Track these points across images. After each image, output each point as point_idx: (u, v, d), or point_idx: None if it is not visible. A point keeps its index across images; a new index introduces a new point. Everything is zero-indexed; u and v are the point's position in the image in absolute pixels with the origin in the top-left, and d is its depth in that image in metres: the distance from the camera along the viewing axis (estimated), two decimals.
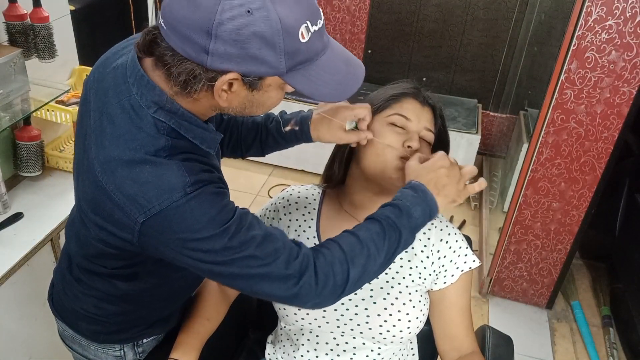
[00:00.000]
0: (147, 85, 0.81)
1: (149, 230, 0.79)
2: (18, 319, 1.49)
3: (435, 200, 0.92)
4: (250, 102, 0.81)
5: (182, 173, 0.79)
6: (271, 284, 0.83)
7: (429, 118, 1.08)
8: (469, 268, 1.09)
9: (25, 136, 1.63)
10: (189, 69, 0.75)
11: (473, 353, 1.08)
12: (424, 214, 0.91)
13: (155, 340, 1.13)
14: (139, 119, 0.81)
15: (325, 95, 0.82)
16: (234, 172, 3.16)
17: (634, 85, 1.77)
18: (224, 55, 0.73)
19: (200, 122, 0.85)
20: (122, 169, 0.79)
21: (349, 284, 0.86)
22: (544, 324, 2.32)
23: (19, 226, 1.53)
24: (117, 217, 0.81)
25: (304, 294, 0.84)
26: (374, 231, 0.88)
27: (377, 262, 0.88)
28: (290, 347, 1.12)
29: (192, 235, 0.79)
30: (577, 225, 2.11)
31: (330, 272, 0.85)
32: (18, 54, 1.52)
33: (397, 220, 0.88)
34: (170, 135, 0.81)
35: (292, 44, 0.74)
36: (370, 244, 0.87)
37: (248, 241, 0.81)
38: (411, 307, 1.04)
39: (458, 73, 3.20)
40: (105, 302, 1.01)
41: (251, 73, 0.75)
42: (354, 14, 3.16)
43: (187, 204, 0.78)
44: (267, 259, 0.82)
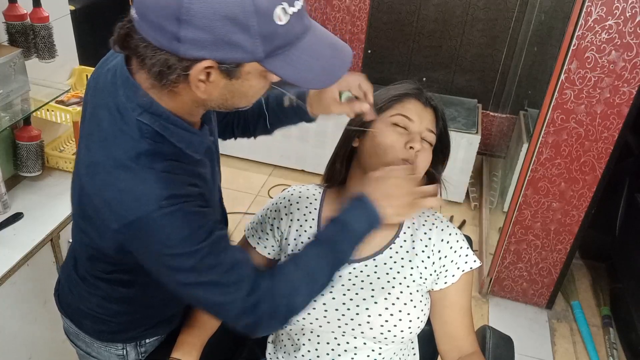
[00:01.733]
0: (132, 87, 0.79)
1: (120, 237, 0.79)
2: (18, 318, 1.49)
3: (376, 212, 0.91)
4: (231, 93, 0.78)
5: (158, 185, 0.77)
6: (229, 313, 0.85)
7: (431, 119, 1.08)
8: (469, 268, 1.09)
9: (25, 136, 1.63)
10: (163, 59, 0.72)
11: (473, 353, 1.08)
12: (365, 227, 0.91)
13: (157, 341, 1.13)
14: (123, 121, 0.79)
15: (310, 81, 0.78)
16: (234, 172, 3.16)
17: (634, 85, 1.77)
18: (196, 42, 0.69)
19: (186, 125, 0.82)
20: (103, 173, 0.79)
21: (294, 312, 0.89)
22: (544, 324, 2.32)
23: (19, 226, 1.53)
24: (95, 221, 0.81)
25: (256, 325, 0.86)
26: (316, 256, 0.90)
27: (321, 284, 0.91)
28: (291, 347, 1.12)
29: (160, 250, 0.78)
30: (577, 225, 2.11)
31: (276, 306, 0.86)
32: (18, 54, 1.52)
33: (337, 240, 0.90)
34: (154, 139, 0.79)
35: (268, 27, 0.70)
36: (313, 271, 0.89)
37: (216, 266, 0.81)
38: (412, 307, 1.04)
39: (458, 73, 3.20)
40: (109, 302, 1.02)
41: (226, 59, 0.71)
42: (354, 14, 3.16)
43: (159, 218, 0.76)
44: (230, 288, 0.82)
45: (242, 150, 3.24)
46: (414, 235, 1.10)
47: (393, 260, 1.07)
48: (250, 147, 3.21)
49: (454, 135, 2.82)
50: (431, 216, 1.14)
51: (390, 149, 1.02)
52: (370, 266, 1.07)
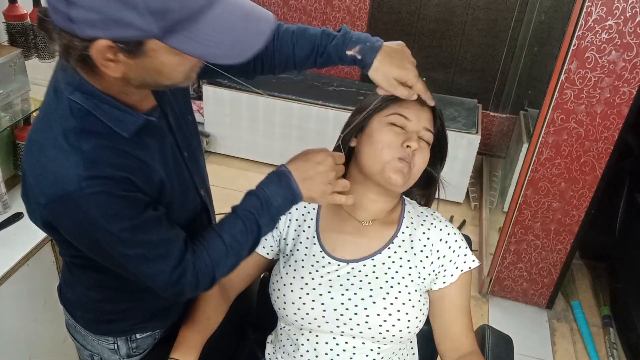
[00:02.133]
0: (65, 68, 0.81)
1: (46, 215, 0.82)
2: (18, 318, 1.49)
3: (299, 189, 0.95)
4: (146, 71, 0.76)
5: (82, 164, 0.78)
6: (154, 284, 0.91)
7: (428, 118, 1.08)
8: (468, 268, 1.09)
9: (25, 136, 1.63)
10: (66, 40, 0.73)
11: (473, 353, 1.08)
12: (285, 201, 0.96)
13: (151, 338, 1.13)
14: (57, 101, 0.82)
15: (220, 57, 0.74)
16: (234, 172, 3.16)
17: (634, 85, 1.77)
18: (87, 22, 0.69)
19: (118, 103, 0.82)
20: (34, 151, 0.82)
21: (216, 282, 0.95)
22: (544, 324, 2.32)
23: (19, 226, 1.53)
24: (30, 197, 0.84)
25: (179, 293, 0.93)
26: (237, 229, 0.94)
27: (241, 256, 0.97)
28: (290, 347, 1.12)
29: (85, 227, 0.81)
30: (577, 225, 2.11)
31: (199, 277, 0.92)
32: (18, 54, 1.52)
33: (257, 214, 0.95)
34: (84, 118, 0.80)
35: (157, 3, 0.68)
36: (234, 244, 0.94)
37: (144, 243, 0.85)
38: (410, 306, 1.04)
39: (458, 73, 3.20)
40: (91, 290, 1.05)
41: (121, 38, 0.70)
42: (354, 14, 3.16)
43: (80, 198, 0.78)
44: (156, 262, 0.87)
45: (242, 150, 3.24)
46: (412, 235, 1.10)
47: (391, 260, 1.07)
48: (250, 147, 3.22)
49: (454, 135, 2.85)
50: (430, 216, 1.14)
51: (387, 148, 1.03)
52: (369, 266, 1.07)
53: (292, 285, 1.07)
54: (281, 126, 3.09)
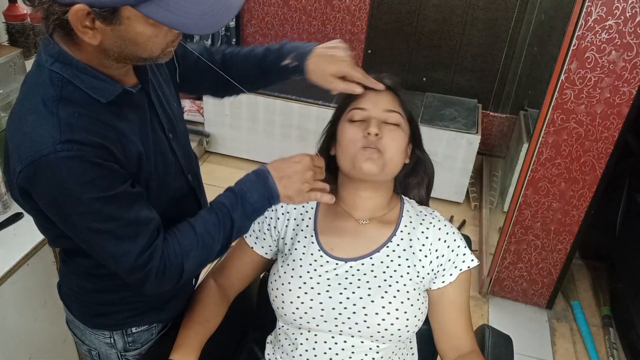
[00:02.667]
0: (46, 41, 0.84)
1: (24, 182, 0.82)
2: (18, 318, 1.49)
3: (276, 187, 0.97)
4: (122, 40, 0.79)
5: (57, 129, 0.79)
6: (119, 266, 0.89)
7: (387, 100, 1.09)
8: (467, 267, 1.09)
9: None
10: (46, 7, 0.76)
11: (472, 352, 1.08)
12: (261, 199, 0.97)
13: (147, 333, 1.14)
14: (39, 73, 0.84)
15: (191, 26, 0.78)
16: (234, 172, 3.16)
17: (634, 85, 1.77)
18: None
19: (96, 73, 0.84)
20: (14, 121, 0.84)
21: (184, 274, 0.94)
22: (544, 324, 2.32)
23: (19, 226, 1.53)
24: (10, 170, 0.86)
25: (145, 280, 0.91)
26: (210, 222, 0.95)
27: (213, 250, 0.96)
28: (288, 347, 1.12)
29: (58, 192, 0.81)
30: (577, 225, 2.11)
31: (167, 265, 0.91)
32: (18, 54, 1.53)
33: (231, 208, 0.95)
34: (64, 87, 0.82)
35: None
36: (206, 236, 0.94)
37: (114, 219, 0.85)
38: (409, 305, 1.04)
39: (458, 73, 3.20)
40: (82, 279, 1.05)
41: (97, 2, 0.73)
42: (354, 14, 3.16)
43: (55, 161, 0.79)
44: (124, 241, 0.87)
45: (242, 150, 3.24)
46: (411, 234, 1.10)
47: (390, 259, 1.07)
48: (250, 147, 3.22)
49: (454, 135, 2.85)
50: (429, 215, 1.14)
51: (350, 143, 1.05)
52: (367, 265, 1.07)
53: (290, 285, 1.07)
54: (281, 126, 3.09)
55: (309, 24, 3.24)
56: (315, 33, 3.25)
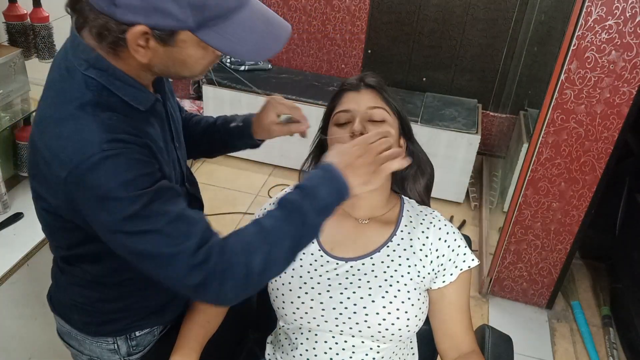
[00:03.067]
0: (79, 45, 0.83)
1: (70, 187, 0.81)
2: (18, 318, 1.49)
3: (344, 180, 0.89)
4: (171, 60, 0.82)
5: (101, 130, 0.80)
6: (176, 268, 0.81)
7: (370, 97, 1.10)
8: (467, 267, 1.09)
9: (25, 136, 1.63)
10: (103, 22, 0.77)
11: (472, 352, 1.08)
12: (330, 194, 0.88)
13: (150, 335, 1.13)
14: (70, 77, 0.83)
15: (243, 53, 0.82)
16: (234, 172, 3.16)
17: (634, 85, 1.77)
18: (130, 7, 0.74)
19: (132, 80, 0.86)
20: (50, 127, 0.82)
21: (251, 275, 0.84)
22: (544, 324, 2.32)
23: (19, 226, 1.53)
24: (47, 177, 0.84)
25: (207, 284, 0.82)
26: (278, 217, 0.86)
27: (282, 248, 0.85)
28: (289, 347, 1.12)
29: (104, 194, 0.79)
30: (577, 225, 2.11)
31: (229, 264, 0.82)
32: (18, 54, 1.52)
33: (300, 204, 0.86)
34: (99, 92, 0.83)
35: None
36: (273, 232, 0.85)
37: (160, 215, 0.80)
38: (410, 305, 1.04)
39: (458, 73, 3.20)
40: (87, 289, 1.03)
41: (159, 26, 0.76)
42: (354, 14, 3.16)
43: (102, 161, 0.78)
44: (176, 239, 0.80)
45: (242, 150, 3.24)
46: (411, 234, 1.10)
47: (390, 259, 1.07)
48: None
49: (454, 135, 2.85)
50: (429, 215, 1.14)
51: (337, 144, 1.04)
52: (368, 264, 1.07)
53: (290, 285, 1.07)
54: None
55: (309, 24, 3.24)
56: (315, 33, 3.25)
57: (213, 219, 2.64)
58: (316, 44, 3.28)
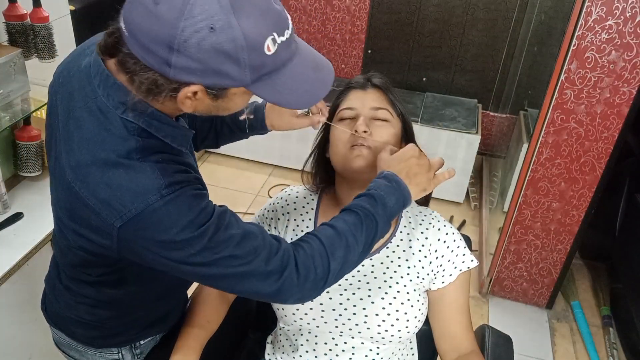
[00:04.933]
0: (113, 86, 0.79)
1: (127, 234, 0.79)
2: (18, 318, 1.49)
3: (408, 189, 0.93)
4: (216, 108, 0.81)
5: (156, 175, 0.78)
6: (253, 282, 0.83)
7: (375, 97, 1.10)
8: (467, 268, 1.09)
9: (25, 136, 1.63)
10: (152, 79, 0.74)
11: (472, 352, 1.08)
12: (398, 203, 0.91)
13: (153, 341, 1.13)
14: (107, 120, 0.80)
15: (292, 103, 0.80)
16: (234, 172, 3.16)
17: (634, 85, 1.77)
18: (186, 69, 0.71)
19: (170, 120, 0.83)
20: (94, 174, 0.78)
21: (330, 276, 0.87)
22: (544, 324, 2.32)
23: (19, 226, 1.53)
24: (93, 223, 0.80)
25: (286, 289, 0.84)
26: (351, 222, 0.88)
27: (356, 252, 0.88)
28: (289, 348, 1.12)
29: (170, 238, 0.78)
30: (577, 225, 2.11)
31: (311, 266, 0.85)
32: (18, 54, 1.52)
33: (373, 210, 0.89)
34: (141, 136, 0.80)
35: (257, 58, 0.73)
36: (349, 235, 0.87)
37: (227, 240, 0.81)
38: (409, 306, 1.04)
39: (458, 73, 3.20)
40: (97, 308, 1.01)
41: (215, 86, 0.74)
42: (354, 14, 3.16)
43: (164, 207, 0.77)
44: (247, 257, 0.82)
45: (242, 150, 3.24)
46: (410, 234, 1.10)
47: (390, 260, 1.07)
48: (250, 147, 3.21)
49: (454, 135, 2.85)
50: (428, 216, 1.14)
51: (340, 142, 1.06)
52: (367, 265, 1.07)
53: None
54: None
55: (309, 24, 3.24)
56: (315, 33, 3.25)
57: None
58: (316, 44, 3.28)
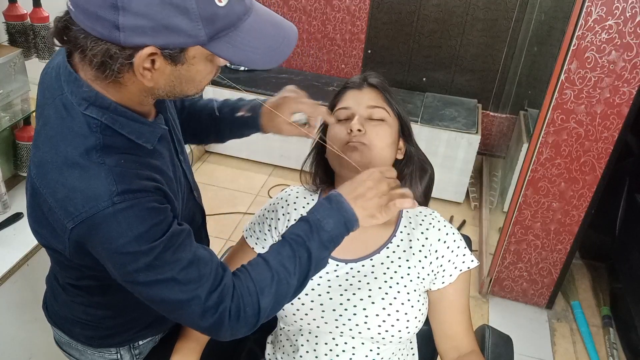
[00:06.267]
0: (75, 82, 0.77)
1: (77, 237, 0.77)
2: (18, 318, 1.49)
3: (352, 211, 0.87)
4: (178, 79, 0.77)
5: (109, 181, 0.75)
6: (190, 312, 0.81)
7: (370, 97, 1.10)
8: (467, 268, 1.09)
9: (25, 136, 1.63)
10: (104, 49, 0.70)
11: (472, 352, 1.08)
12: (337, 225, 0.87)
13: (152, 342, 1.13)
14: (70, 118, 0.77)
15: (256, 61, 0.77)
16: (234, 172, 3.16)
17: (634, 85, 1.77)
18: (136, 29, 0.68)
19: (135, 115, 0.81)
20: (53, 172, 0.77)
21: (261, 313, 0.84)
22: (544, 324, 2.32)
23: (19, 226, 1.54)
24: (51, 222, 0.79)
25: (219, 326, 0.82)
26: (284, 255, 0.85)
27: (290, 285, 0.85)
28: (289, 348, 1.12)
29: (116, 248, 0.76)
30: (577, 225, 2.11)
31: (241, 305, 0.82)
32: (18, 54, 1.52)
33: (306, 238, 0.86)
34: (104, 133, 0.77)
35: (208, 9, 0.69)
36: (280, 270, 0.84)
37: (173, 263, 0.78)
38: (409, 306, 1.04)
39: (458, 73, 3.20)
40: (92, 308, 1.01)
41: (169, 45, 0.70)
42: (354, 14, 3.16)
43: (113, 215, 0.74)
44: (189, 285, 0.79)
45: (242, 150, 3.24)
46: (410, 235, 1.10)
47: (390, 260, 1.07)
48: (250, 147, 3.21)
49: (454, 135, 2.85)
50: (428, 216, 1.14)
51: (335, 141, 1.06)
52: (367, 266, 1.07)
53: None
54: None
55: (309, 24, 3.24)
56: (315, 33, 3.25)
57: (213, 218, 2.64)
58: (316, 44, 3.28)
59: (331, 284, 1.06)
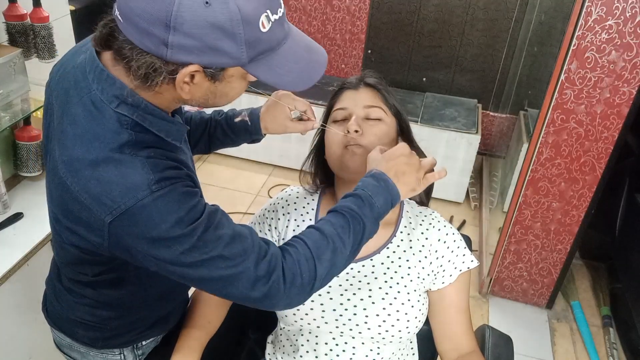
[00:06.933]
0: (107, 80, 0.79)
1: (117, 230, 0.78)
2: (18, 318, 1.49)
3: (396, 188, 0.92)
4: (213, 94, 0.81)
5: (146, 171, 0.77)
6: (241, 286, 0.82)
7: (367, 96, 1.10)
8: (467, 268, 1.09)
9: (25, 136, 1.63)
10: (149, 62, 0.74)
11: (472, 352, 1.08)
12: (385, 203, 0.91)
13: (154, 342, 1.13)
14: (100, 115, 0.79)
15: (289, 83, 0.81)
16: (234, 172, 3.16)
17: (634, 85, 1.77)
18: (183, 48, 0.72)
19: (164, 114, 0.83)
20: (85, 169, 0.78)
21: (317, 281, 0.86)
22: (544, 324, 2.32)
23: (19, 226, 1.53)
24: (85, 218, 0.80)
25: (273, 294, 0.84)
26: (338, 225, 0.88)
27: (343, 254, 0.88)
28: (290, 348, 1.12)
29: (159, 235, 0.77)
30: (577, 225, 2.11)
31: (297, 271, 0.85)
32: (18, 54, 1.52)
33: (359, 211, 0.88)
34: (134, 130, 0.80)
35: (253, 34, 0.73)
36: (336, 238, 0.87)
37: (216, 240, 0.80)
38: (410, 306, 1.04)
39: (458, 73, 3.20)
40: (99, 309, 1.01)
41: (212, 64, 0.75)
42: (354, 14, 3.16)
43: (153, 202, 0.76)
44: (236, 259, 0.81)
45: (242, 150, 3.24)
46: (410, 235, 1.10)
47: (390, 260, 1.07)
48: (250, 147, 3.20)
49: (453, 135, 2.85)
50: (428, 216, 1.14)
51: (334, 144, 1.06)
52: (368, 266, 1.07)
53: None
54: None
55: (309, 24, 3.24)
56: (315, 33, 3.25)
57: None
58: None
59: (331, 284, 1.06)
